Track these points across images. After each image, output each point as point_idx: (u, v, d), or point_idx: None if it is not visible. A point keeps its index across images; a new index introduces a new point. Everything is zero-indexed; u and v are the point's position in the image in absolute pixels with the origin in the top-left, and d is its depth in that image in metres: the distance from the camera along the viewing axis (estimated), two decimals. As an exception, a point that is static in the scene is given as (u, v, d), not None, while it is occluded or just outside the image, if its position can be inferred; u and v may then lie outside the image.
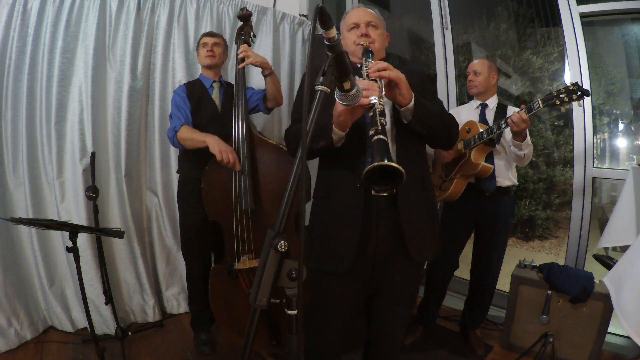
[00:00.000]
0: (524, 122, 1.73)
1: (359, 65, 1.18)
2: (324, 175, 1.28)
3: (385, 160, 0.78)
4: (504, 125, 1.81)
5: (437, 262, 2.16)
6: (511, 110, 2.05)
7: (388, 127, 1.15)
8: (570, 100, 1.66)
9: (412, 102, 1.11)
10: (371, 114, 0.95)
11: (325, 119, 1.08)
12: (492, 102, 2.12)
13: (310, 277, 1.29)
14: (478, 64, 2.11)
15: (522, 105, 1.78)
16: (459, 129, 1.38)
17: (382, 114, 0.93)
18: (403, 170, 0.79)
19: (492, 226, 2.08)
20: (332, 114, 1.05)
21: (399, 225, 1.15)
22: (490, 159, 1.98)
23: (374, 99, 0.96)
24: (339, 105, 0.99)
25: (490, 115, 2.09)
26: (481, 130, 1.91)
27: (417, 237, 1.17)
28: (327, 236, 1.21)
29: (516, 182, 2.10)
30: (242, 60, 1.89)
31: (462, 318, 2.27)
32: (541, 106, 1.71)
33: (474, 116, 2.11)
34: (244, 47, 1.92)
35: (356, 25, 1.28)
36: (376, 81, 1.04)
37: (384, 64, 1.06)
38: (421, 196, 1.21)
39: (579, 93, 1.64)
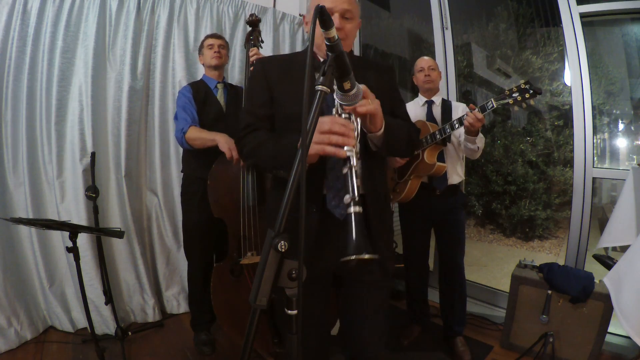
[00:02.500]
0: (480, 121, 1.76)
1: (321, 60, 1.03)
2: (277, 196, 1.15)
3: (363, 255, 0.71)
4: (457, 125, 1.84)
5: (409, 264, 2.24)
6: (457, 106, 2.11)
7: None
8: (524, 99, 1.68)
9: (382, 131, 1.01)
10: (345, 170, 0.81)
11: (292, 150, 0.94)
12: (438, 98, 2.17)
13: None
14: (431, 61, 2.14)
15: (471, 105, 1.80)
16: None
17: (357, 174, 0.80)
18: (376, 257, 0.72)
19: (448, 222, 2.11)
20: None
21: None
22: (440, 157, 2.02)
23: (349, 151, 0.83)
24: (313, 148, 0.87)
25: (437, 112, 2.12)
26: (432, 130, 1.94)
27: (382, 249, 1.13)
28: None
29: (463, 177, 2.17)
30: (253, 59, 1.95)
31: (444, 321, 2.20)
32: (494, 105, 1.74)
33: (421, 114, 2.14)
34: (255, 50, 1.98)
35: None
36: (349, 116, 0.90)
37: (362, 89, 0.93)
38: (384, 210, 1.19)
39: (532, 91, 1.66)
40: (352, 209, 0.75)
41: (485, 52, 3.70)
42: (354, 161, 0.81)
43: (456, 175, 2.10)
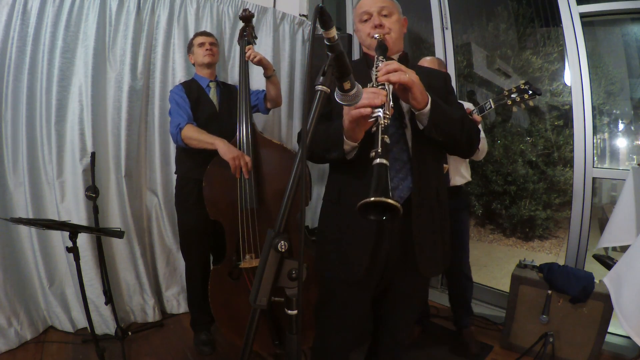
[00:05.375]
0: (476, 122, 1.75)
1: (374, 57, 1.10)
2: (335, 179, 1.23)
3: (382, 197, 0.72)
4: None
5: None
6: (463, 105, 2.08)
7: (408, 131, 1.11)
8: (522, 99, 1.68)
9: (428, 106, 1.03)
10: (373, 129, 0.86)
11: (339, 128, 1.02)
12: None
13: (321, 281, 1.28)
14: (429, 62, 2.12)
15: (468, 109, 1.80)
16: None
17: (386, 130, 0.85)
18: (400, 206, 0.74)
19: (451, 223, 2.09)
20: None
21: (410, 237, 1.11)
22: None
23: (378, 112, 0.87)
24: (346, 119, 0.95)
25: None
26: None
27: (427, 250, 1.13)
28: (341, 242, 1.17)
29: (469, 178, 2.13)
30: (253, 58, 1.91)
31: (454, 317, 2.28)
32: (492, 106, 1.75)
33: None
34: (250, 47, 1.94)
35: (368, 16, 1.17)
36: (384, 86, 0.94)
37: (394, 65, 0.97)
38: (435, 208, 1.16)
39: (531, 92, 1.66)
40: (377, 161, 0.80)
41: (485, 52, 3.70)
42: (381, 120, 0.86)
43: (459, 176, 2.07)
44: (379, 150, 0.81)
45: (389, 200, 0.72)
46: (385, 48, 1.11)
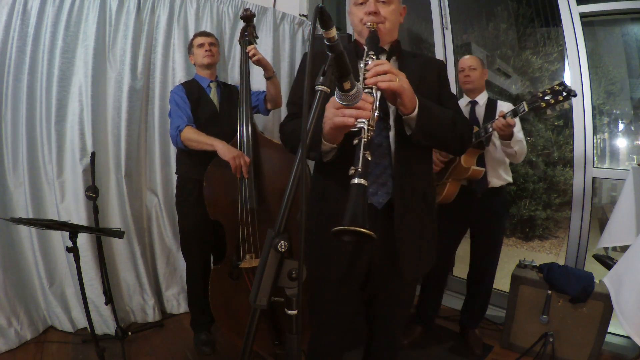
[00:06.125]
0: (509, 126, 1.72)
1: (365, 49, 1.02)
2: (319, 178, 1.21)
3: (354, 226, 0.70)
4: (490, 130, 1.80)
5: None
6: (501, 105, 2.05)
7: (391, 133, 1.08)
8: (557, 102, 1.61)
9: (415, 111, 0.97)
10: (355, 141, 0.81)
11: (318, 129, 0.96)
12: (482, 98, 2.10)
13: (308, 279, 1.27)
14: (472, 60, 2.09)
15: (501, 112, 1.77)
16: None
17: (369, 145, 0.80)
18: (373, 234, 0.71)
19: (485, 226, 2.09)
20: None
21: (392, 241, 1.08)
22: (481, 160, 1.98)
23: (361, 123, 0.82)
24: (326, 125, 0.91)
25: (480, 113, 2.08)
26: None
27: (410, 254, 1.11)
28: (324, 240, 1.16)
29: (510, 180, 2.08)
30: (252, 56, 1.90)
31: (461, 317, 2.29)
32: (526, 109, 1.68)
33: (465, 114, 2.11)
34: (253, 47, 1.92)
35: None
36: (371, 91, 0.89)
37: (385, 67, 0.91)
38: (421, 210, 1.12)
39: (565, 94, 1.60)
40: (355, 180, 0.75)
41: (485, 52, 3.69)
42: (364, 133, 0.81)
43: (496, 178, 2.03)
44: (359, 169, 0.76)
45: (362, 230, 0.70)
46: (377, 41, 1.06)
